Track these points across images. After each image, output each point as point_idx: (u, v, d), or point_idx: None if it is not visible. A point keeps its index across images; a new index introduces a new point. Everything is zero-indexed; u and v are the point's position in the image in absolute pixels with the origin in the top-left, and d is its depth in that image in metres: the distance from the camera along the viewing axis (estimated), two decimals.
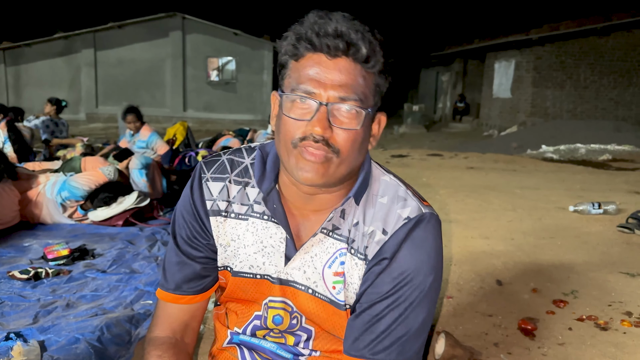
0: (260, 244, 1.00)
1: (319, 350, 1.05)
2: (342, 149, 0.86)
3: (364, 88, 0.87)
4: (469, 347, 1.89)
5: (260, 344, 1.07)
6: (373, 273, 0.93)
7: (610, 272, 2.67)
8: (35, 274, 2.77)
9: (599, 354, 1.86)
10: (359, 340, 0.93)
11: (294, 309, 1.01)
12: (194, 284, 1.05)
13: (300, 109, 0.87)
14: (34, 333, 2.11)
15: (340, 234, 0.96)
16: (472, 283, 2.56)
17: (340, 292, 0.97)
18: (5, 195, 3.52)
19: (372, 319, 0.92)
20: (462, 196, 4.65)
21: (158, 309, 1.08)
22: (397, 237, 0.92)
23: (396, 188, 0.97)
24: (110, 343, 1.99)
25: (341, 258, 0.96)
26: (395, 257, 0.91)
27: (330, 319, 0.99)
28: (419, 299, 0.91)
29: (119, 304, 2.39)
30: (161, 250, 3.23)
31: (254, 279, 1.01)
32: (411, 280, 0.91)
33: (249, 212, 1.00)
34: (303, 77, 0.86)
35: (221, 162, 1.03)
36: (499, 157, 7.89)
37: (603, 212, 3.94)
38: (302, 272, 0.98)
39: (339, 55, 0.85)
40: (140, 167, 4.44)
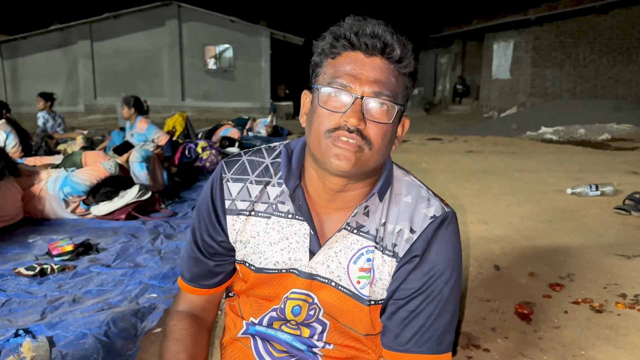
0: (286, 241, 1.04)
1: (332, 343, 1.09)
2: (374, 141, 0.92)
3: (396, 86, 0.93)
4: (467, 332, 1.94)
5: (276, 335, 1.11)
6: (405, 270, 0.98)
7: (606, 255, 2.71)
8: (41, 270, 2.82)
9: (593, 336, 1.91)
10: (400, 336, 0.99)
11: (315, 301, 1.05)
12: (208, 280, 1.11)
13: (335, 101, 0.92)
14: (42, 329, 2.16)
15: (366, 232, 1.01)
16: (471, 269, 2.60)
17: (364, 287, 1.01)
18: (8, 192, 3.56)
19: (409, 315, 0.98)
20: (461, 181, 4.68)
21: (180, 292, 1.16)
22: (425, 235, 0.98)
23: (419, 189, 1.03)
24: (117, 337, 2.05)
25: (368, 255, 1.01)
26: (425, 254, 0.97)
27: (350, 312, 1.04)
28: (448, 292, 0.98)
29: (124, 298, 2.44)
30: (164, 244, 3.28)
31: (279, 273, 1.05)
32: (441, 275, 0.97)
33: (271, 211, 1.04)
34: (340, 72, 0.92)
35: (242, 163, 1.07)
36: (498, 139, 7.90)
37: (600, 194, 3.97)
38: (326, 266, 1.02)
39: (375, 54, 0.91)
40: (141, 160, 4.47)
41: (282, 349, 1.11)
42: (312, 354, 1.10)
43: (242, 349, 1.16)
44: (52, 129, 6.99)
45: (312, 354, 1.10)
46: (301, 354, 1.10)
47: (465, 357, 1.81)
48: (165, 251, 3.13)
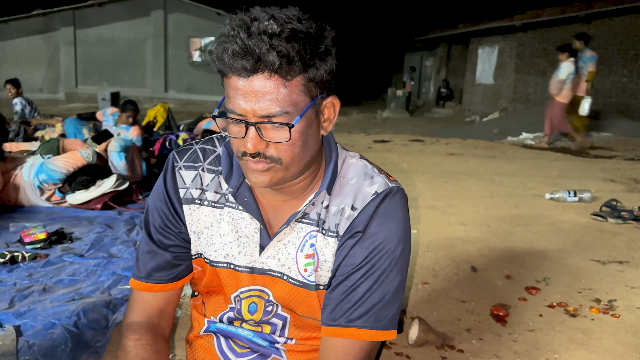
0: (235, 234, 1.01)
1: (294, 338, 1.07)
2: (282, 157, 0.88)
3: (289, 96, 0.84)
4: (442, 332, 1.94)
5: (237, 332, 1.09)
6: (346, 247, 0.96)
7: (582, 260, 2.74)
8: (12, 257, 2.74)
9: (567, 340, 1.92)
10: (335, 310, 0.96)
11: (270, 297, 1.03)
12: (166, 273, 1.06)
13: (233, 129, 0.89)
14: (9, 318, 2.10)
15: (309, 218, 0.99)
16: (447, 269, 2.60)
17: (311, 274, 0.99)
18: None
19: (347, 290, 0.95)
20: (441, 182, 4.70)
21: (133, 296, 1.09)
22: (367, 211, 0.95)
23: (364, 168, 1.00)
24: (87, 328, 1.99)
25: (311, 240, 0.99)
26: (367, 229, 0.95)
27: (304, 302, 1.02)
28: (391, 267, 0.95)
29: (97, 288, 2.39)
30: (139, 235, 3.22)
31: (229, 269, 1.03)
32: (383, 249, 0.94)
33: (224, 201, 1.02)
34: (230, 99, 0.87)
35: (194, 151, 1.04)
36: (479, 143, 7.97)
37: (578, 200, 4.02)
38: (277, 259, 1.00)
39: (249, 75, 0.82)
40: (119, 149, 4.38)
41: (244, 345, 1.09)
42: (274, 349, 1.08)
43: (205, 346, 1.13)
44: (30, 114, 6.85)
45: (275, 349, 1.08)
46: (263, 349, 1.08)
47: (440, 357, 1.81)
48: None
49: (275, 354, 1.08)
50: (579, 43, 7.88)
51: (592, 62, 7.79)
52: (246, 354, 1.09)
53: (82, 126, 5.86)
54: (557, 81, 7.65)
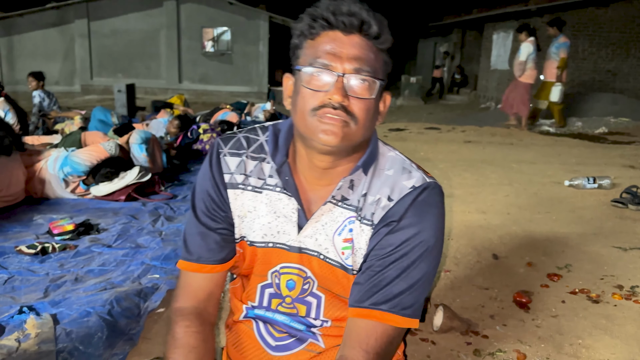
0: (274, 214, 1.05)
1: (329, 319, 1.11)
2: (359, 116, 0.94)
3: (375, 62, 0.95)
4: (466, 319, 1.97)
5: (274, 318, 1.13)
6: (380, 234, 0.99)
7: (603, 246, 2.75)
8: (42, 248, 2.83)
9: (590, 326, 1.95)
10: (362, 293, 0.99)
11: (308, 275, 1.07)
12: (215, 254, 1.09)
13: (318, 80, 0.94)
14: (45, 307, 2.17)
15: (349, 204, 1.02)
16: (469, 257, 2.63)
17: (348, 257, 1.03)
18: (14, 171, 3.56)
19: (376, 275, 0.99)
20: (459, 170, 4.70)
21: (182, 280, 1.12)
22: (403, 203, 0.98)
23: (402, 162, 1.04)
24: (121, 316, 2.06)
25: (350, 226, 1.02)
26: (402, 220, 0.98)
27: (340, 282, 1.05)
28: (421, 257, 0.97)
29: (127, 278, 2.46)
30: (165, 225, 3.29)
31: (267, 247, 1.07)
32: (415, 240, 0.97)
33: (264, 186, 1.06)
34: (320, 52, 0.93)
35: (237, 139, 1.09)
36: (496, 130, 7.93)
37: (598, 187, 4.01)
38: (314, 239, 1.04)
39: (353, 32, 0.93)
40: (140, 141, 4.46)
41: (282, 330, 1.13)
42: (311, 334, 1.12)
43: (245, 330, 1.17)
44: (49, 107, 6.95)
45: (311, 333, 1.12)
46: (300, 334, 1.12)
47: (465, 342, 1.84)
48: (166, 233, 3.14)
49: (312, 339, 1.12)
50: (552, 29, 7.84)
51: (564, 49, 7.75)
52: (284, 338, 1.13)
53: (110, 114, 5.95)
54: (518, 63, 7.70)
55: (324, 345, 1.11)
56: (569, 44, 7.87)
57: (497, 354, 1.77)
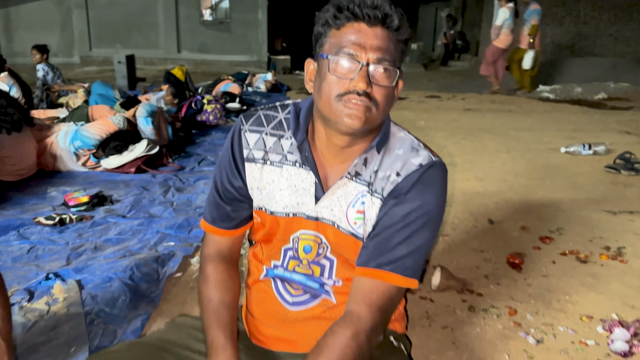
0: (293, 187, 1.18)
1: (340, 279, 1.25)
2: (380, 102, 1.05)
3: (394, 52, 1.05)
4: (462, 278, 2.13)
5: (292, 277, 1.27)
6: (388, 206, 1.12)
7: (594, 211, 2.89)
8: (60, 219, 2.97)
9: (577, 284, 2.10)
10: (368, 256, 1.13)
11: (323, 241, 1.21)
12: (227, 222, 1.26)
13: (343, 68, 1.04)
14: (70, 273, 2.32)
15: (362, 179, 1.14)
16: (466, 222, 2.77)
17: (360, 226, 1.16)
18: (25, 145, 3.68)
19: (382, 240, 1.12)
20: (458, 139, 4.81)
21: (205, 235, 1.31)
22: (410, 178, 1.11)
23: (411, 142, 1.16)
24: (142, 281, 2.22)
25: (362, 199, 1.15)
26: (408, 193, 1.10)
27: (351, 248, 1.19)
28: (423, 226, 1.10)
29: (144, 246, 2.60)
30: (175, 196, 3.42)
31: (288, 217, 1.20)
32: (419, 211, 1.09)
33: (283, 161, 1.19)
34: (345, 42, 1.03)
35: (258, 116, 1.22)
36: (496, 97, 7.98)
37: (593, 153, 4.12)
38: (330, 210, 1.17)
39: (376, 24, 1.02)
40: (146, 115, 4.55)
41: (298, 288, 1.27)
42: (324, 291, 1.26)
43: (264, 289, 1.31)
44: (53, 81, 7.00)
45: (325, 291, 1.26)
46: (315, 291, 1.26)
47: (461, 300, 2.00)
48: (178, 203, 3.28)
49: (325, 295, 1.26)
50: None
51: (535, 16, 7.81)
52: (300, 295, 1.27)
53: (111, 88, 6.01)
54: (494, 27, 7.82)
55: (336, 301, 1.25)
56: (540, 11, 7.93)
57: (490, 309, 1.93)
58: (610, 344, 1.69)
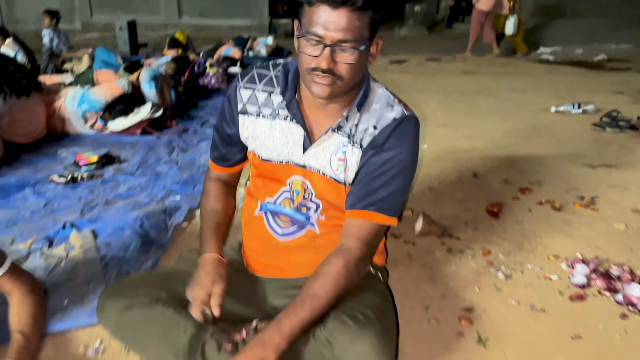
0: (285, 139, 1.38)
1: (323, 215, 1.45)
2: (344, 76, 1.21)
3: (359, 29, 1.17)
4: (443, 225, 2.32)
5: (282, 210, 1.47)
6: (367, 155, 1.32)
7: (574, 165, 3.05)
8: (72, 177, 3.17)
9: (549, 229, 2.29)
10: (355, 200, 1.33)
11: (309, 187, 1.41)
12: (226, 162, 1.53)
13: (310, 48, 1.19)
14: (84, 223, 2.53)
15: (344, 132, 1.34)
16: (452, 177, 2.95)
17: (341, 172, 1.35)
18: (35, 108, 3.84)
19: (365, 186, 1.32)
20: (452, 100, 4.94)
21: (208, 169, 1.59)
22: (385, 131, 1.30)
23: (387, 98, 1.34)
24: (151, 229, 2.41)
25: (343, 148, 1.34)
26: (384, 144, 1.29)
27: (334, 192, 1.39)
28: (399, 173, 1.30)
29: (152, 200, 2.80)
30: (180, 156, 3.61)
31: (281, 164, 1.41)
32: (395, 158, 1.29)
33: (274, 115, 1.38)
34: (313, 22, 1.17)
35: (252, 75, 1.41)
36: (495, 60, 8.04)
37: (582, 112, 4.25)
38: (316, 159, 1.36)
39: (338, 6, 1.14)
40: (149, 79, 4.69)
41: (287, 220, 1.47)
42: (309, 222, 1.45)
43: (257, 224, 1.52)
44: (58, 47, 7.09)
45: (310, 223, 1.45)
46: (301, 222, 1.46)
47: (440, 243, 2.20)
48: (182, 162, 3.46)
49: (310, 226, 1.46)
50: None
51: None
52: (289, 227, 1.48)
53: (113, 54, 6.12)
54: None
55: (319, 231, 1.46)
56: None
57: (466, 251, 2.12)
58: (571, 277, 1.89)
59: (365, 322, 1.26)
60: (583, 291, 1.81)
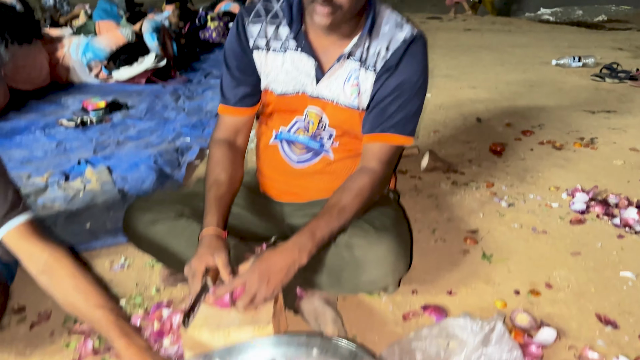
0: (297, 71, 1.40)
1: (337, 142, 1.51)
2: (343, 5, 1.22)
3: None
4: (448, 161, 2.40)
5: (297, 138, 1.51)
6: (382, 79, 1.35)
7: (574, 111, 3.12)
8: (82, 121, 3.22)
9: (550, 164, 2.37)
10: (372, 124, 1.38)
11: (323, 117, 1.44)
12: (249, 99, 1.47)
13: None
14: (98, 160, 2.59)
15: (355, 58, 1.36)
16: (456, 122, 3.02)
17: (355, 99, 1.39)
18: (37, 56, 3.86)
19: (381, 110, 1.36)
20: (456, 54, 4.97)
21: (219, 120, 1.52)
22: (397, 53, 1.33)
23: (395, 18, 1.36)
24: (165, 165, 2.48)
25: (356, 74, 1.37)
26: (397, 66, 1.33)
27: (349, 119, 1.43)
28: (413, 93, 1.35)
29: (163, 140, 2.86)
30: (186, 103, 3.65)
31: (296, 95, 1.43)
32: (409, 81, 1.33)
33: (285, 47, 1.39)
34: None
35: (257, 9, 1.41)
36: (496, 19, 8.01)
37: (582, 65, 4.30)
38: (329, 89, 1.39)
39: None
40: (152, 30, 4.68)
41: (301, 147, 1.52)
42: (324, 150, 1.51)
43: (273, 152, 1.56)
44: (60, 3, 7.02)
45: (324, 150, 1.51)
46: (316, 150, 1.51)
47: (446, 178, 2.28)
48: (189, 109, 3.50)
49: (325, 153, 1.52)
50: None
51: None
52: (304, 154, 1.53)
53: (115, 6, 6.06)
54: None
55: (334, 157, 1.51)
56: None
57: (470, 184, 2.21)
58: (571, 205, 1.98)
59: (382, 229, 1.34)
60: (582, 216, 1.90)
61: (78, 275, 1.16)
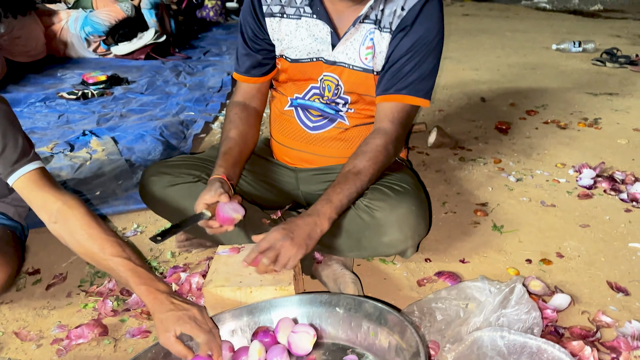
0: (312, 37, 1.40)
1: (353, 108, 1.51)
2: None
3: None
4: (455, 137, 2.41)
5: (312, 104, 1.52)
6: (397, 39, 1.34)
7: (577, 93, 3.15)
8: (83, 94, 3.18)
9: (555, 142, 2.39)
10: (387, 84, 1.37)
11: (339, 83, 1.44)
12: (258, 70, 1.48)
13: None
14: (103, 131, 2.57)
15: (370, 20, 1.36)
16: (460, 101, 3.03)
17: (370, 61, 1.39)
18: (32, 28, 3.80)
19: (396, 70, 1.35)
20: (456, 38, 4.96)
21: (236, 86, 1.54)
22: (413, 11, 1.32)
23: None
24: (171, 137, 2.47)
25: (370, 35, 1.37)
26: (413, 25, 1.32)
27: (364, 83, 1.43)
28: (429, 52, 1.34)
29: (167, 114, 2.84)
30: (187, 79, 3.61)
31: (311, 62, 1.43)
32: (424, 40, 1.33)
33: (299, 13, 1.39)
34: None
35: None
36: (494, 5, 8.00)
37: (582, 50, 4.32)
38: (345, 54, 1.39)
39: None
40: (150, 7, 4.62)
41: (317, 114, 1.52)
42: (339, 116, 1.51)
43: (287, 118, 1.56)
44: None
45: (340, 116, 1.51)
46: (331, 116, 1.51)
47: (453, 153, 2.29)
48: (191, 84, 3.47)
49: (340, 119, 1.53)
50: None
51: None
52: (319, 120, 1.53)
53: None
54: None
55: (349, 123, 1.51)
56: None
57: (478, 159, 2.22)
58: (578, 180, 2.00)
59: (403, 192, 1.35)
60: (589, 191, 1.93)
61: (92, 224, 1.14)
